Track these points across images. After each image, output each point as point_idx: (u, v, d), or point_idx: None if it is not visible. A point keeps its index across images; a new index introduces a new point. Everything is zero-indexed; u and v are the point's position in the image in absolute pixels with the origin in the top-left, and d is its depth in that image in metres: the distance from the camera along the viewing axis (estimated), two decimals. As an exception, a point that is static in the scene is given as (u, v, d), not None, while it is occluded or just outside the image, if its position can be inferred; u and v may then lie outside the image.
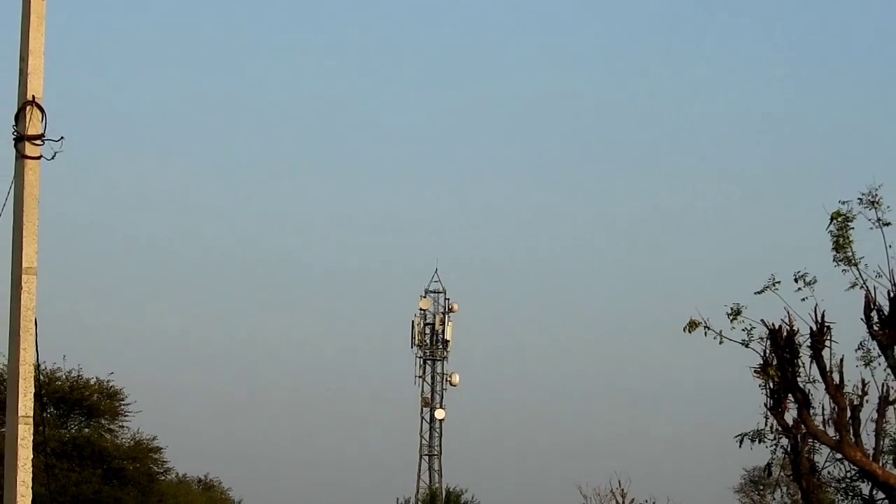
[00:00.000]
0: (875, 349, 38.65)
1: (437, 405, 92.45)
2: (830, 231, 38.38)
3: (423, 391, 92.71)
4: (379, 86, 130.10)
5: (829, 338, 38.66)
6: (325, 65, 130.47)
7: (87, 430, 69.26)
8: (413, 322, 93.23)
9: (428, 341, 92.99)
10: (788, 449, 38.95)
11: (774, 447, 39.03)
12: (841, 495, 39.65)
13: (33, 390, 22.95)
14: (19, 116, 22.99)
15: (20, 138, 22.94)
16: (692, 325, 38.38)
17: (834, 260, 38.40)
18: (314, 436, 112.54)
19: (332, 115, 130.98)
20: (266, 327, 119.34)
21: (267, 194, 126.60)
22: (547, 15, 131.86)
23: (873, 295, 38.44)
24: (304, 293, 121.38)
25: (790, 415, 38.80)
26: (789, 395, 38.73)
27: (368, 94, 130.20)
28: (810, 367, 38.72)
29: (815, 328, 38.53)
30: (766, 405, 38.80)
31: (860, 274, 38.36)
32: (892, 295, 38.38)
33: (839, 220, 38.28)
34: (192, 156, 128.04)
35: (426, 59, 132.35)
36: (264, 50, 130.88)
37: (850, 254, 38.32)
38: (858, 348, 38.77)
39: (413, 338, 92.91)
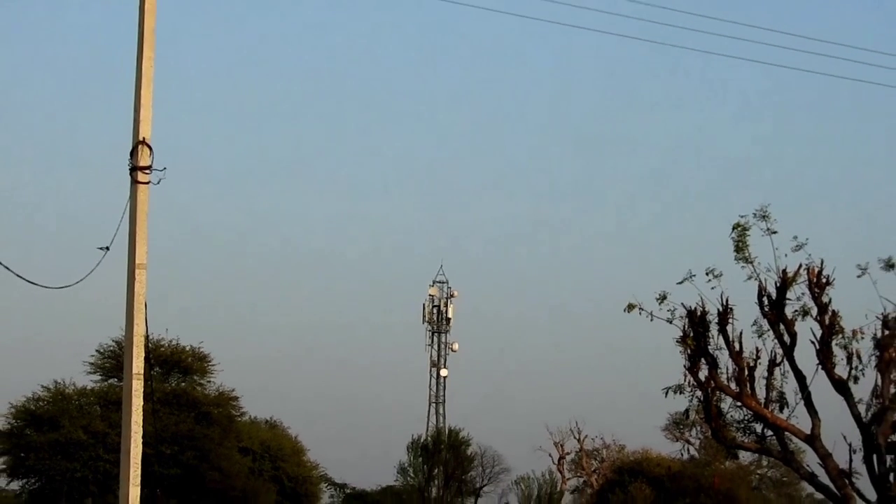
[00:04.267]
0: (765, 325, 38.64)
1: (442, 366, 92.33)
2: (732, 237, 38.41)
3: (431, 356, 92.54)
4: (388, 130, 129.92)
5: (731, 316, 38.64)
6: (369, 104, 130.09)
7: (183, 384, 69.22)
8: (424, 304, 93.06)
9: (435, 319, 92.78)
10: (702, 398, 38.92)
11: (691, 397, 38.97)
12: (741, 433, 39.56)
13: (143, 354, 23.00)
14: (133, 152, 23.08)
15: (134, 169, 23.03)
16: (630, 307, 38.34)
17: (735, 259, 38.44)
18: (351, 389, 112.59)
19: (360, 146, 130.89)
20: (312, 310, 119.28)
21: (316, 212, 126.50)
22: (548, 42, 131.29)
23: (764, 284, 38.46)
24: (341, 285, 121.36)
25: (703, 373, 38.80)
26: (702, 358, 38.70)
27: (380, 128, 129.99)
28: (718, 338, 38.70)
29: (721, 309, 38.52)
30: (685, 366, 38.79)
31: (754, 269, 38.37)
32: (777, 285, 38.41)
33: (739, 229, 38.30)
34: (256, 183, 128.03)
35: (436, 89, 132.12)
36: (317, 80, 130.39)
37: (747, 254, 38.33)
38: (753, 324, 38.74)
39: (423, 316, 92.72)
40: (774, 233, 38.00)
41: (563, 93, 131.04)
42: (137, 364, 22.83)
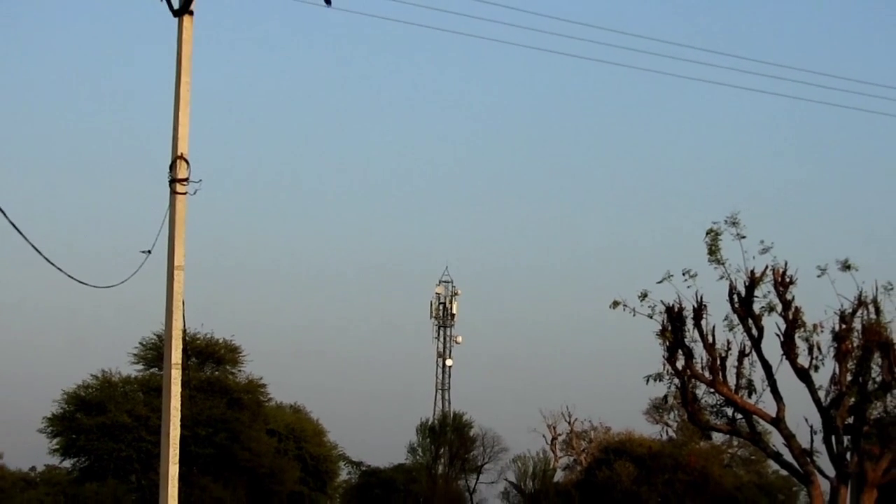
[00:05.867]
0: (735, 320, 38.68)
1: (447, 357, 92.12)
2: (706, 242, 38.43)
3: (437, 347, 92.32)
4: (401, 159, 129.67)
5: (705, 312, 38.70)
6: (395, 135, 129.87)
7: (216, 372, 69.11)
8: (431, 302, 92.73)
9: (441, 314, 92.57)
10: (679, 385, 38.93)
11: (669, 384, 39.01)
12: (713, 416, 39.58)
13: (181, 347, 22.99)
14: (172, 166, 23.07)
15: (173, 181, 23.01)
16: (615, 304, 38.37)
17: (708, 261, 38.46)
18: (367, 377, 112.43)
19: (380, 168, 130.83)
20: (332, 307, 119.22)
21: (336, 219, 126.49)
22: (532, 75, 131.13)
23: (734, 284, 38.51)
24: (357, 285, 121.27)
25: (680, 363, 38.81)
26: (679, 350, 38.72)
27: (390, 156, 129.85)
28: (693, 332, 38.76)
29: (696, 306, 38.55)
30: (664, 356, 38.80)
31: (726, 270, 38.44)
32: (746, 284, 38.42)
33: (712, 234, 38.34)
34: (284, 197, 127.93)
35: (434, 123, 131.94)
36: (345, 104, 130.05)
37: (719, 257, 38.37)
38: (725, 319, 38.81)
39: (431, 312, 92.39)
40: (744, 237, 38.07)
41: (559, 103, 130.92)
42: (176, 355, 22.83)
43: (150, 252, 23.40)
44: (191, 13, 23.28)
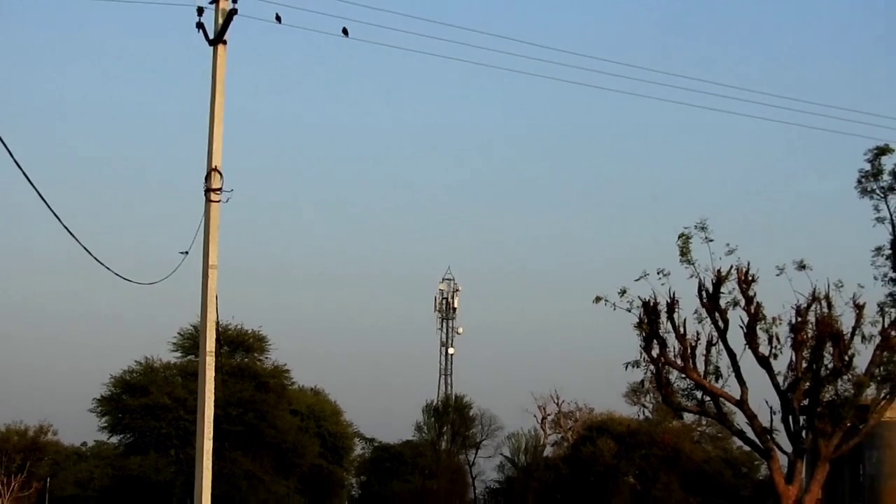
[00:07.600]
0: (704, 313, 38.62)
1: (450, 346, 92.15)
2: (678, 244, 38.39)
3: (441, 338, 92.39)
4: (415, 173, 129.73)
5: (677, 307, 38.65)
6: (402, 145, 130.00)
7: (246, 359, 69.22)
8: (435, 297, 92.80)
9: (444, 308, 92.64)
10: (654, 371, 38.91)
11: (646, 370, 38.97)
12: (685, 398, 39.56)
13: (215, 336, 23.05)
14: (207, 177, 23.13)
15: (208, 190, 23.07)
16: (597, 299, 38.30)
17: (680, 261, 38.43)
18: (379, 363, 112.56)
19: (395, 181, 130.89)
20: (348, 303, 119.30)
21: (351, 227, 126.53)
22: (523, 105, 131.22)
23: (703, 281, 38.48)
24: (370, 284, 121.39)
25: (655, 351, 38.77)
26: (654, 340, 38.69)
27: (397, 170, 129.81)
28: (667, 324, 38.71)
29: (669, 301, 38.51)
30: (640, 346, 38.76)
31: (695, 269, 38.37)
32: (713, 281, 38.39)
33: (683, 238, 38.29)
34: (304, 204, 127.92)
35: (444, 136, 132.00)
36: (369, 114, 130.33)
37: (689, 257, 38.33)
38: (694, 313, 38.73)
39: (435, 306, 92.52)
40: (711, 240, 38.02)
41: (555, 122, 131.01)
42: (210, 344, 22.90)
43: (187, 253, 23.49)
44: (224, 42, 23.43)
